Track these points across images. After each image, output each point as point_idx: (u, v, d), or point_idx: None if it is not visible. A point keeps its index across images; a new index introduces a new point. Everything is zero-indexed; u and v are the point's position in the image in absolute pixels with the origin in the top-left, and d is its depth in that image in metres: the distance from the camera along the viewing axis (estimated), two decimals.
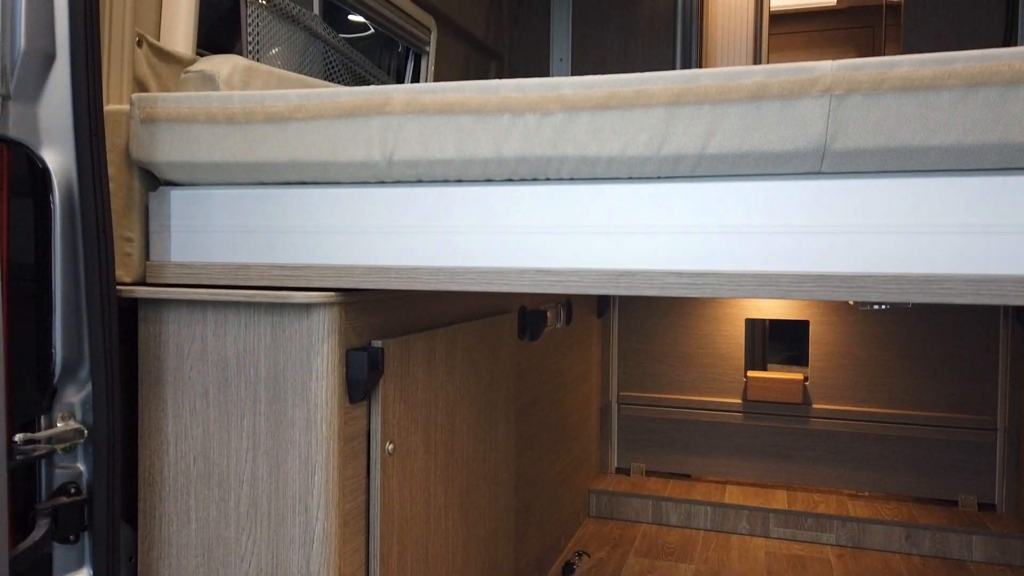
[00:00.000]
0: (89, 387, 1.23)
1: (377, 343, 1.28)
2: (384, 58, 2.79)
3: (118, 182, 1.30)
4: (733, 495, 2.92)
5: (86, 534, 1.24)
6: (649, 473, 3.16)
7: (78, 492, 1.24)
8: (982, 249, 0.93)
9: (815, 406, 2.93)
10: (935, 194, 0.95)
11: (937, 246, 0.95)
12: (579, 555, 2.55)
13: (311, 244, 1.22)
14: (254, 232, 1.24)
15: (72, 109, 1.18)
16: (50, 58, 1.17)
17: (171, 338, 1.27)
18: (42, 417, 1.20)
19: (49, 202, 1.18)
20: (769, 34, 5.58)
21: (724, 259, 1.03)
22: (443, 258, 1.15)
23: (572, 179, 1.10)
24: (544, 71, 3.42)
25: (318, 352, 1.20)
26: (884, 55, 4.37)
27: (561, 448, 2.56)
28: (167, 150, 1.26)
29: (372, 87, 1.17)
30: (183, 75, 1.41)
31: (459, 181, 1.15)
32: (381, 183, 1.19)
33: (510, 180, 1.13)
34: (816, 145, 0.98)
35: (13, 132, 1.15)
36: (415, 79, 2.77)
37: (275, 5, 1.64)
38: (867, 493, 2.93)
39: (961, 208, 0.94)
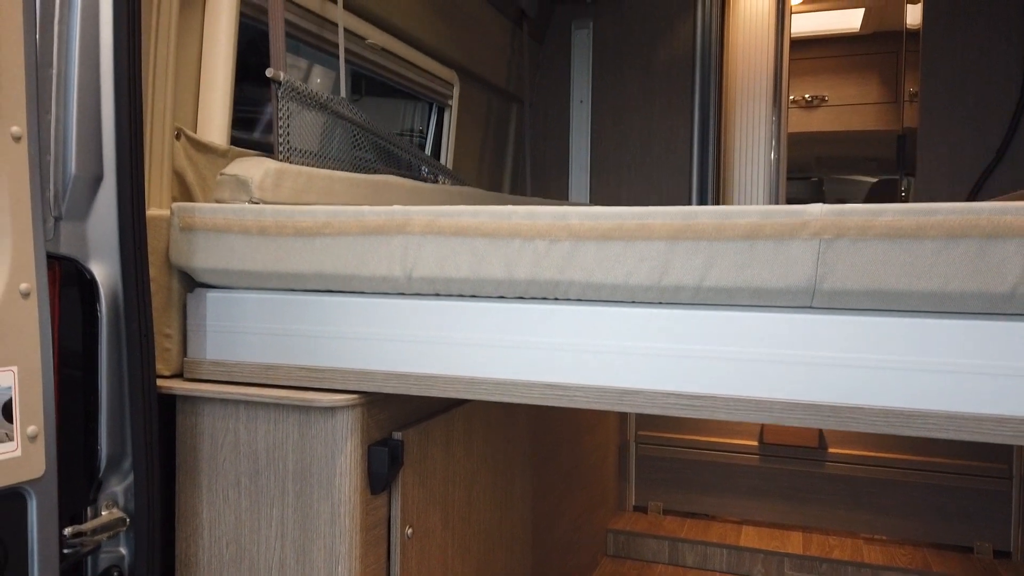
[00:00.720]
0: (131, 477, 1.33)
1: (398, 435, 1.37)
2: (408, 111, 2.87)
3: (159, 283, 1.40)
4: (749, 537, 2.96)
5: None
6: (666, 511, 3.21)
7: (121, 574, 1.34)
8: (964, 388, 0.99)
9: (831, 450, 2.97)
10: (919, 334, 1.01)
11: (921, 383, 1.01)
12: None
13: (335, 348, 1.30)
14: (283, 335, 1.33)
15: (118, 224, 1.28)
16: (98, 179, 1.27)
17: (206, 431, 1.37)
18: (88, 508, 1.30)
19: (96, 310, 1.28)
20: (790, 60, 5.60)
21: (720, 384, 1.09)
22: (458, 368, 1.23)
23: (579, 300, 1.17)
24: (565, 113, 3.49)
25: (341, 450, 1.28)
26: (904, 83, 4.39)
27: (579, 490, 2.63)
28: (203, 257, 1.36)
29: (394, 208, 1.26)
30: (219, 177, 1.50)
31: (474, 296, 1.23)
32: (402, 295, 1.27)
33: (521, 298, 1.20)
34: (806, 284, 1.04)
35: (64, 249, 1.25)
36: (438, 130, 2.85)
37: (304, 96, 1.73)
38: (883, 538, 2.96)
39: (944, 349, 1.00)
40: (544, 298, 1.19)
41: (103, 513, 1.32)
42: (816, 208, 1.04)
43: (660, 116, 3.36)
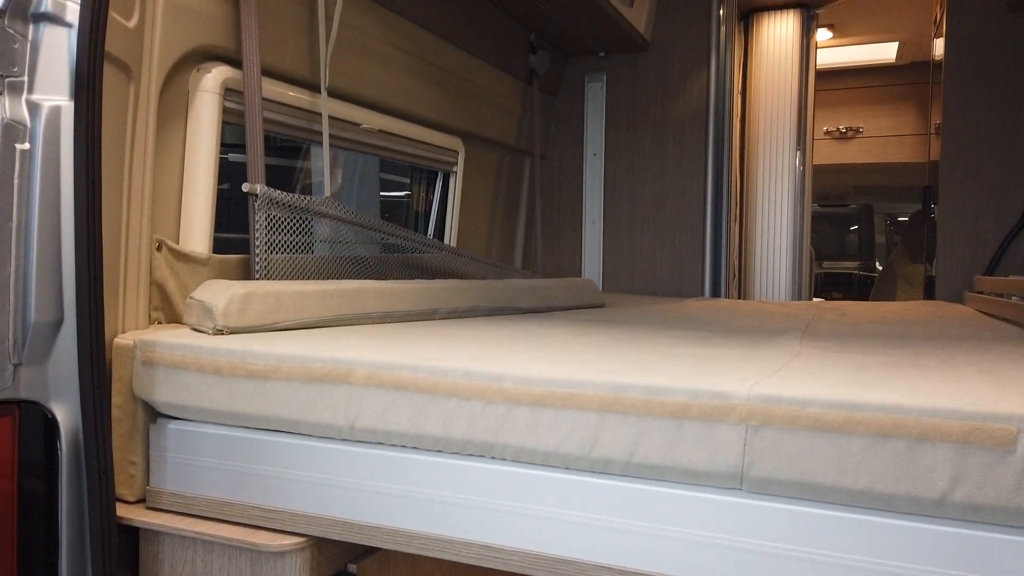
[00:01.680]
0: None
1: (352, 568, 1.37)
2: (415, 177, 2.89)
3: (124, 410, 1.44)
4: None
5: None
6: None
7: None
8: None
9: None
10: (848, 531, 0.97)
11: None
12: None
13: (285, 489, 1.31)
14: (237, 472, 1.35)
15: (78, 365, 1.32)
16: (58, 323, 1.31)
17: (166, 559, 1.40)
18: None
19: (57, 448, 1.32)
20: (823, 91, 5.46)
21: (651, 561, 1.07)
22: (400, 519, 1.23)
23: (518, 463, 1.16)
24: (579, 166, 3.47)
25: None
26: (932, 115, 4.21)
27: None
28: (163, 391, 1.38)
29: (338, 356, 1.26)
30: (188, 301, 1.53)
31: (415, 448, 1.23)
32: (346, 441, 1.28)
33: (459, 455, 1.20)
34: (734, 469, 1.01)
35: (24, 393, 1.29)
36: (443, 195, 2.86)
37: (284, 203, 1.76)
38: None
39: (872, 548, 0.96)
40: (482, 455, 1.19)
41: None
42: (743, 390, 1.01)
43: (674, 171, 3.31)
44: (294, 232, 1.84)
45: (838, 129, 5.44)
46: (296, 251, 1.84)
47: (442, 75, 2.62)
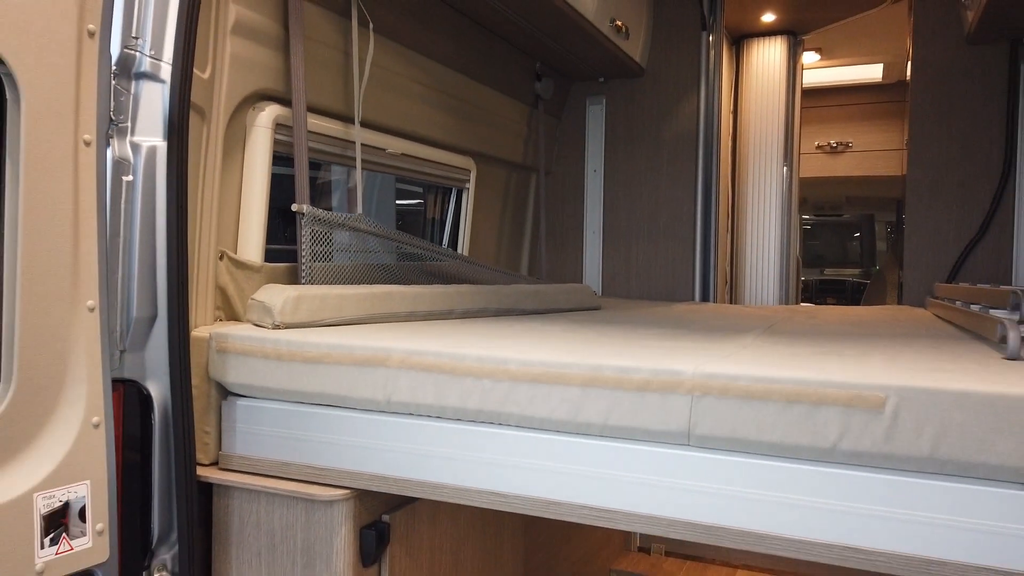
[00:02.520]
0: (176, 548, 1.69)
1: (386, 518, 1.69)
2: (429, 194, 3.22)
3: (200, 390, 1.76)
4: None
5: None
6: (668, 553, 3.47)
7: None
8: (801, 517, 1.26)
9: None
10: (766, 474, 1.28)
11: (769, 512, 1.28)
12: None
13: (333, 452, 1.64)
14: (294, 439, 1.68)
15: (168, 352, 1.64)
16: (153, 318, 1.64)
17: (235, 511, 1.72)
18: (144, 573, 1.67)
19: (151, 419, 1.65)
20: (814, 108, 5.77)
21: (622, 500, 1.39)
22: (426, 474, 1.55)
23: (520, 427, 1.48)
24: (580, 181, 3.79)
25: (338, 533, 1.62)
26: (903, 133, 4.49)
27: (579, 538, 2.92)
28: (234, 374, 1.71)
29: (378, 344, 1.59)
30: (249, 302, 1.86)
31: (439, 417, 1.55)
32: (385, 413, 1.60)
33: (477, 422, 1.52)
34: (683, 429, 1.33)
35: (127, 373, 1.62)
36: (457, 211, 3.19)
37: (326, 220, 2.09)
38: None
39: (783, 487, 1.27)
40: (491, 422, 1.51)
41: (155, 575, 1.68)
42: (689, 369, 1.33)
43: (667, 186, 3.62)
44: (332, 244, 2.17)
45: (829, 144, 5.75)
46: (334, 260, 2.17)
47: (456, 103, 2.95)
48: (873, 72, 5.16)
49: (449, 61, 2.83)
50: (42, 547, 1.32)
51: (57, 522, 1.35)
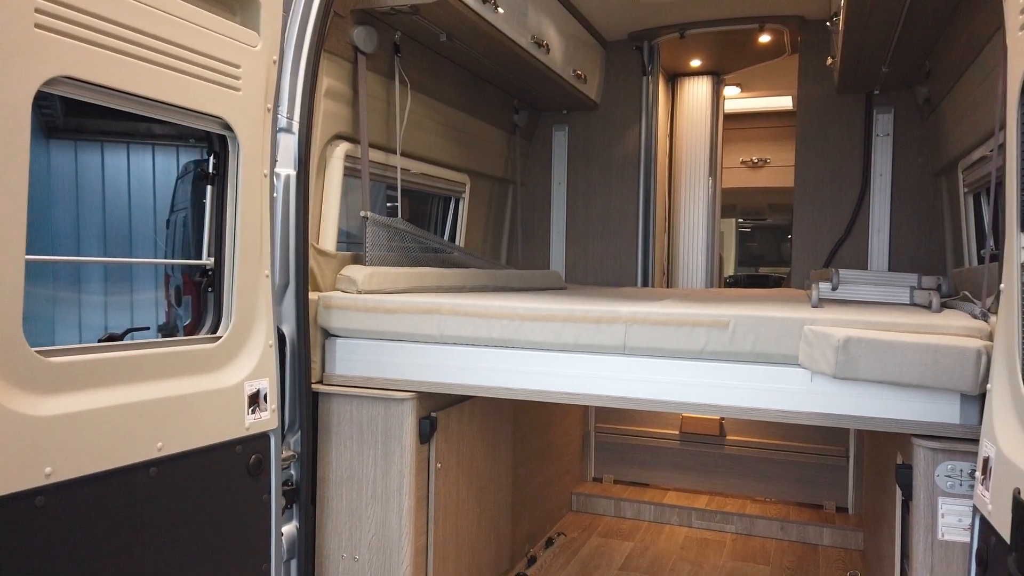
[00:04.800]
0: (299, 434, 2.61)
1: (434, 414, 2.65)
2: (434, 202, 4.16)
3: (312, 334, 2.69)
4: (671, 497, 4.22)
5: (295, 505, 2.62)
6: (616, 481, 4.47)
7: (291, 485, 2.62)
8: (685, 389, 2.26)
9: (728, 437, 4.23)
10: (668, 368, 2.28)
11: (666, 387, 2.27)
12: (558, 535, 3.89)
13: (402, 370, 2.58)
14: (376, 362, 2.62)
15: (295, 306, 2.56)
16: (286, 285, 2.55)
17: (335, 410, 2.65)
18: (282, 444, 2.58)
19: (285, 349, 2.56)
20: (741, 129, 6.85)
21: (585, 388, 2.37)
22: (469, 379, 2.51)
23: (528, 348, 2.45)
24: (548, 191, 4.77)
25: (405, 421, 2.56)
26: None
27: (548, 463, 3.90)
28: (334, 322, 2.65)
29: (433, 299, 2.54)
30: (339, 275, 2.79)
31: (474, 345, 2.51)
32: (438, 343, 2.55)
33: (501, 347, 2.48)
34: (620, 344, 2.31)
35: (275, 322, 2.54)
36: (455, 216, 4.14)
37: (382, 223, 3.03)
38: (761, 498, 4.21)
39: (673, 374, 2.27)
40: (510, 347, 2.47)
41: (285, 453, 2.61)
42: (624, 309, 2.32)
43: (616, 196, 4.63)
44: (386, 238, 3.11)
45: (751, 160, 6.86)
46: (386, 250, 3.11)
47: (457, 133, 3.90)
48: (785, 102, 6.25)
49: (453, 103, 3.79)
50: (248, 413, 2.25)
51: (253, 401, 2.27)
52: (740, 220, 9.65)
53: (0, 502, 1.57)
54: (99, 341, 1.97)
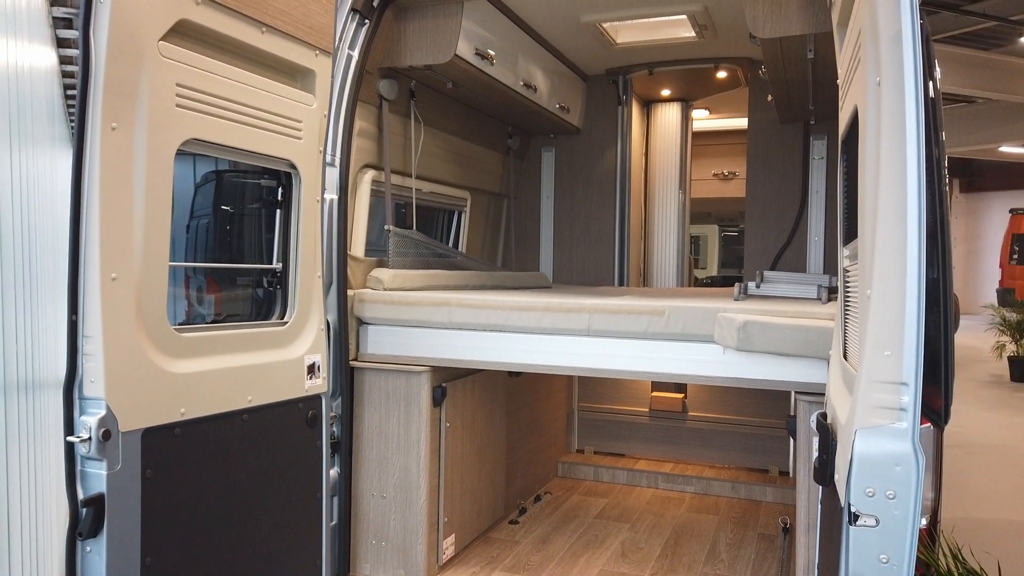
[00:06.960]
0: (339, 399, 3.36)
1: (445, 385, 3.41)
2: (441, 215, 4.92)
3: (349, 322, 3.45)
4: (641, 464, 4.98)
5: (337, 455, 3.37)
6: (596, 452, 5.24)
7: (334, 439, 3.37)
8: (631, 362, 3.02)
9: (690, 413, 4.99)
10: (621, 346, 3.04)
11: (618, 360, 3.04)
12: (545, 493, 4.65)
13: (421, 349, 3.35)
14: (399, 343, 3.38)
15: (336, 301, 3.32)
16: (330, 284, 3.31)
17: (367, 381, 3.42)
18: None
19: (330, 334, 3.32)
20: (711, 144, 7.63)
21: (558, 361, 3.13)
22: (472, 356, 3.27)
23: (516, 331, 3.21)
24: (537, 204, 5.54)
25: (422, 389, 3.33)
26: None
27: (536, 434, 4.67)
28: (367, 314, 3.41)
29: (444, 295, 3.30)
30: (368, 276, 3.55)
31: (476, 330, 3.27)
32: (448, 328, 3.31)
33: (496, 331, 3.24)
34: (585, 328, 3.08)
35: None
36: (458, 226, 4.90)
37: (402, 235, 3.79)
38: (717, 464, 4.98)
39: (626, 349, 3.03)
40: (507, 331, 3.23)
41: (330, 413, 3.37)
42: (589, 303, 3.08)
43: (596, 209, 5.40)
44: (404, 246, 3.87)
45: (722, 172, 7.63)
46: (404, 255, 3.87)
47: (460, 157, 4.67)
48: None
49: (457, 132, 4.55)
50: (307, 379, 3.00)
51: (311, 370, 3.03)
52: (723, 225, 10.44)
53: (155, 430, 2.33)
54: (210, 322, 2.73)
